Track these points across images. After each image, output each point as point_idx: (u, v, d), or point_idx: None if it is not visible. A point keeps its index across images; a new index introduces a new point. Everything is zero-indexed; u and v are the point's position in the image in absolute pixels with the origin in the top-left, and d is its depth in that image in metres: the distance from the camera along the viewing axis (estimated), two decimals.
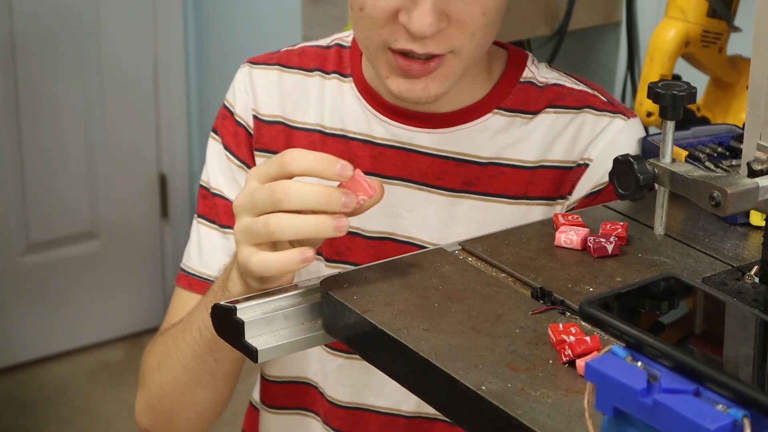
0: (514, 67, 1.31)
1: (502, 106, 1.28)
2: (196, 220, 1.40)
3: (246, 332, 0.99)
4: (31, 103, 2.98)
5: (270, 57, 1.37)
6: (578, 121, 1.28)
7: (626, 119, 1.28)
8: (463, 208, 1.28)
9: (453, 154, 1.28)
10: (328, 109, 1.32)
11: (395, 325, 0.94)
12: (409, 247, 1.28)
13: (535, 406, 0.83)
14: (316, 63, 1.34)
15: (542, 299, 0.98)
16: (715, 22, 1.46)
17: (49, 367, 3.09)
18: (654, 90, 0.91)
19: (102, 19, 3.04)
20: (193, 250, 1.39)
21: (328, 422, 1.36)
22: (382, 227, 1.30)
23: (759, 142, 0.91)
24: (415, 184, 1.29)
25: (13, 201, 3.01)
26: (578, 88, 1.30)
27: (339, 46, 1.35)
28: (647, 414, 0.71)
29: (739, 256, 1.06)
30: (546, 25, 1.91)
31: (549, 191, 1.27)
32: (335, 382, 1.34)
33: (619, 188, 0.92)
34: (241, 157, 1.35)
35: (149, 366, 1.33)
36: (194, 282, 1.38)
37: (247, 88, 1.35)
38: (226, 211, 1.36)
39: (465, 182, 1.28)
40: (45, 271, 3.10)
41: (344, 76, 1.32)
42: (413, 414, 1.32)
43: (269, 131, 1.34)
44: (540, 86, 1.30)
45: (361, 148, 1.30)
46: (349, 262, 1.30)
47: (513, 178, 1.28)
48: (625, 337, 0.75)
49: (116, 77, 3.09)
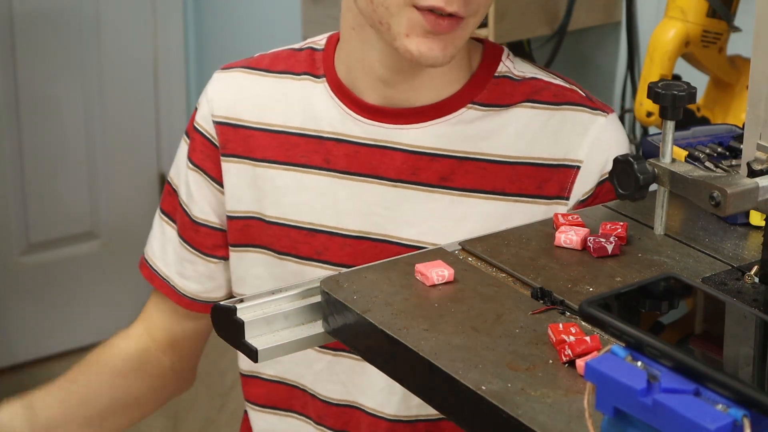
0: (490, 61, 1.31)
1: (477, 100, 1.28)
2: (159, 216, 1.42)
3: (246, 332, 0.99)
4: (31, 103, 2.98)
5: (243, 62, 1.38)
6: (558, 118, 1.28)
7: (606, 115, 1.29)
8: (440, 203, 1.28)
9: (428, 150, 1.28)
10: (301, 110, 1.32)
11: (395, 325, 0.94)
12: (387, 245, 1.29)
13: (535, 406, 0.83)
14: (286, 65, 1.35)
15: (542, 299, 0.98)
16: (715, 22, 1.46)
17: (49, 367, 3.09)
18: (654, 90, 0.91)
19: (102, 19, 3.04)
20: (157, 245, 1.42)
21: (321, 422, 1.36)
22: (359, 226, 1.30)
23: (759, 142, 0.91)
24: (390, 182, 1.29)
25: (13, 201, 3.01)
26: (555, 83, 1.30)
27: (311, 49, 1.35)
28: (647, 414, 0.71)
29: (739, 256, 1.06)
30: (546, 25, 1.91)
31: (528, 189, 1.27)
32: (326, 380, 1.34)
33: (619, 188, 0.92)
34: (199, 164, 1.37)
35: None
36: (155, 277, 1.42)
37: (211, 97, 1.36)
38: (184, 226, 1.39)
39: (441, 177, 1.28)
40: (45, 271, 3.10)
41: (317, 77, 1.32)
42: (393, 417, 1.33)
43: (236, 136, 1.34)
44: (516, 80, 1.30)
45: (336, 147, 1.30)
46: (327, 262, 1.31)
47: (491, 173, 1.27)
48: (625, 337, 0.75)
49: (116, 77, 3.09)
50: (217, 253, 1.39)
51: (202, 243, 1.38)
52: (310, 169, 1.31)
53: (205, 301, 1.41)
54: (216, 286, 1.40)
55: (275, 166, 1.32)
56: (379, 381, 1.31)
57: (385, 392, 1.32)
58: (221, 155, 1.35)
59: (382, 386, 1.32)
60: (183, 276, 1.40)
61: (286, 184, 1.31)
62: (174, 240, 1.41)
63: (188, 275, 1.40)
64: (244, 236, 1.35)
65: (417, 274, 1.01)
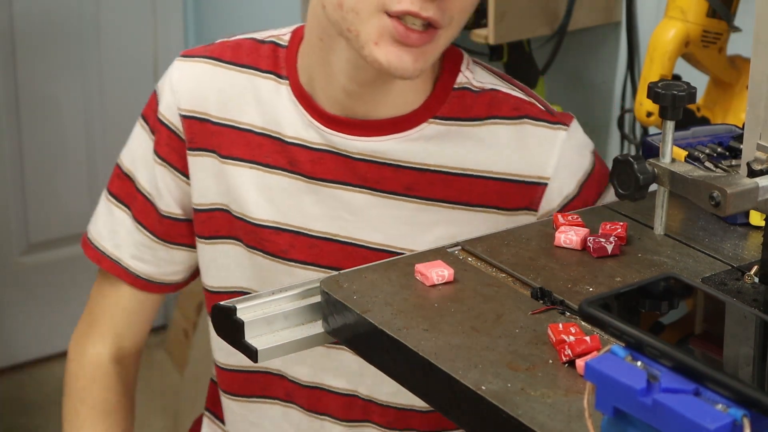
0: (450, 70, 1.29)
1: (438, 114, 1.27)
2: (107, 197, 1.41)
3: (246, 332, 0.99)
4: (31, 103, 2.97)
5: (204, 50, 1.36)
6: (520, 132, 1.27)
7: (567, 128, 1.28)
8: (406, 210, 1.28)
9: (391, 161, 1.27)
10: (266, 110, 1.31)
11: (395, 325, 0.94)
12: (353, 248, 1.29)
13: (535, 406, 0.84)
14: (249, 59, 1.33)
15: (542, 299, 0.98)
16: (715, 22, 1.46)
17: (49, 367, 3.08)
18: (654, 90, 0.91)
19: (102, 19, 3.04)
20: (104, 227, 1.41)
21: (291, 399, 1.38)
22: (325, 228, 1.30)
23: (759, 142, 0.91)
24: (356, 188, 1.28)
25: (13, 201, 3.01)
26: (514, 95, 1.29)
27: (274, 44, 1.33)
28: (647, 414, 0.71)
29: (739, 256, 1.06)
30: (546, 25, 1.91)
31: (493, 201, 1.27)
32: (294, 362, 1.35)
33: (619, 188, 0.92)
34: (165, 157, 1.36)
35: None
36: (103, 258, 1.41)
37: (177, 88, 1.34)
38: (146, 213, 1.39)
39: (406, 187, 1.28)
40: (45, 271, 3.10)
41: (281, 78, 1.31)
42: (367, 398, 1.35)
43: (203, 130, 1.33)
44: (475, 91, 1.28)
45: (300, 152, 1.29)
46: (294, 260, 1.31)
47: (454, 185, 1.27)
48: (625, 337, 0.75)
49: (116, 77, 3.09)
50: (180, 241, 1.39)
51: (166, 233, 1.39)
52: (275, 169, 1.30)
53: (159, 282, 1.41)
54: (175, 270, 1.41)
55: (240, 164, 1.31)
56: (352, 364, 1.33)
57: (358, 373, 1.33)
58: (188, 149, 1.34)
59: (355, 369, 1.33)
60: (138, 259, 1.40)
61: (250, 182, 1.31)
62: (126, 223, 1.39)
63: (146, 259, 1.40)
64: (210, 228, 1.35)
65: (417, 274, 1.01)
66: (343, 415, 1.36)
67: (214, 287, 1.37)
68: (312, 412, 1.37)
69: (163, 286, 1.42)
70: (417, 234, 1.28)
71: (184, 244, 1.39)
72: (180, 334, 2.97)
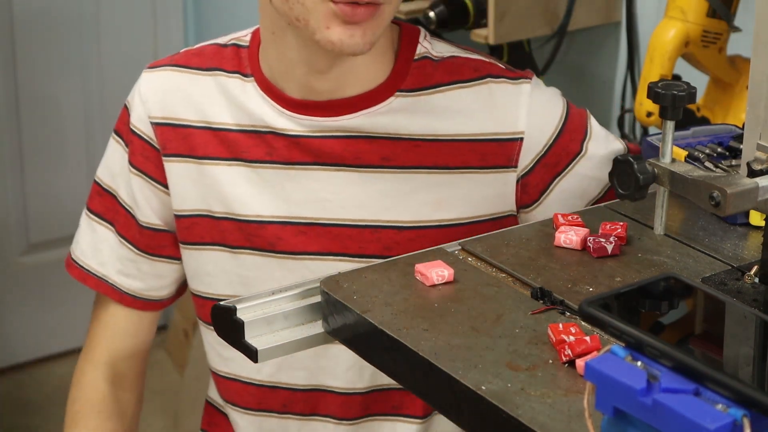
0: (408, 44, 1.32)
1: (403, 87, 1.30)
2: (87, 216, 1.42)
3: (246, 332, 0.99)
4: (31, 102, 2.97)
5: (170, 59, 1.39)
6: (484, 92, 1.30)
7: (529, 81, 1.31)
8: (385, 182, 1.30)
9: (363, 134, 1.29)
10: (236, 107, 1.32)
11: (395, 325, 0.94)
12: (340, 229, 1.30)
13: (535, 406, 0.83)
14: (214, 62, 1.35)
15: (542, 299, 0.98)
16: (715, 22, 1.46)
17: (49, 367, 3.09)
18: (654, 90, 0.91)
19: (102, 19, 3.04)
20: (87, 246, 1.42)
21: (288, 410, 1.38)
22: (309, 213, 1.31)
23: (759, 142, 0.91)
24: (334, 167, 1.30)
25: (13, 201, 3.01)
26: (473, 57, 1.32)
27: (236, 46, 1.36)
28: (647, 414, 0.71)
29: (739, 256, 1.06)
30: (546, 25, 1.91)
31: (471, 161, 1.29)
32: (289, 367, 1.36)
33: (619, 188, 0.92)
34: (140, 167, 1.37)
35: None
36: (88, 277, 1.42)
37: (146, 98, 1.36)
38: (127, 226, 1.39)
39: (382, 158, 1.29)
40: (45, 271, 3.10)
41: (245, 76, 1.33)
42: (368, 389, 1.35)
43: (175, 135, 1.34)
44: (435, 60, 1.31)
45: (276, 140, 1.31)
46: (283, 252, 1.32)
47: (430, 151, 1.29)
48: (625, 337, 0.75)
49: (116, 77, 3.09)
50: (162, 253, 1.39)
51: (147, 244, 1.39)
52: (253, 162, 1.31)
53: (147, 299, 1.42)
54: (161, 284, 1.41)
55: (218, 162, 1.33)
56: (347, 360, 1.33)
57: (356, 369, 1.34)
58: (163, 156, 1.35)
59: (351, 365, 1.33)
60: (124, 274, 1.40)
61: (231, 179, 1.32)
62: (110, 240, 1.40)
63: (131, 273, 1.40)
64: (193, 234, 1.35)
65: (417, 274, 1.01)
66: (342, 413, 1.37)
67: (202, 293, 1.38)
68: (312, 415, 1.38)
69: (150, 303, 1.42)
70: (400, 204, 1.29)
71: (165, 256, 1.40)
72: (180, 334, 2.97)
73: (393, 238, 1.29)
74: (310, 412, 1.38)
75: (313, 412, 1.38)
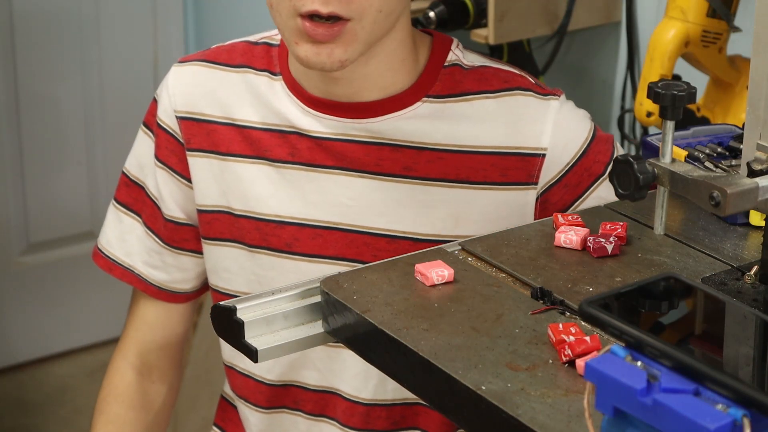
0: (439, 52, 1.31)
1: (431, 93, 1.29)
2: (114, 206, 1.43)
3: (246, 332, 0.99)
4: (31, 103, 2.97)
5: (200, 54, 1.38)
6: (511, 104, 1.29)
7: (558, 98, 1.30)
8: (405, 192, 1.29)
9: (387, 141, 1.29)
10: (262, 105, 1.33)
11: (395, 325, 0.94)
12: (358, 235, 1.30)
13: (535, 406, 0.84)
14: (243, 59, 1.35)
15: (542, 299, 0.98)
16: (715, 22, 1.46)
17: (49, 367, 3.08)
18: (654, 90, 0.91)
19: (102, 19, 3.04)
20: (113, 236, 1.43)
21: (299, 407, 1.39)
22: (328, 217, 1.31)
23: (759, 142, 0.91)
24: (355, 172, 1.29)
25: (13, 201, 3.01)
26: (504, 68, 1.32)
27: (267, 45, 1.36)
28: (647, 414, 0.71)
29: (739, 256, 1.06)
30: (546, 25, 1.91)
31: (492, 176, 1.28)
32: (302, 367, 1.36)
33: (619, 188, 0.92)
34: (165, 161, 1.37)
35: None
36: (115, 267, 1.43)
37: (172, 91, 1.36)
38: (153, 218, 1.40)
39: (404, 167, 1.29)
40: (45, 271, 3.10)
41: (274, 75, 1.33)
42: (371, 401, 1.35)
43: (200, 130, 1.35)
44: (466, 68, 1.31)
45: (300, 141, 1.31)
46: (299, 253, 1.32)
47: (452, 162, 1.28)
48: (625, 336, 0.75)
49: (116, 77, 3.09)
50: (185, 246, 1.40)
51: (171, 237, 1.40)
52: (275, 162, 1.31)
53: (171, 290, 1.42)
54: (185, 278, 1.42)
55: (241, 159, 1.33)
56: (355, 366, 1.32)
57: (361, 377, 1.33)
58: (187, 150, 1.35)
59: (358, 371, 1.33)
60: (150, 265, 1.41)
61: (253, 177, 1.32)
62: (137, 230, 1.41)
63: (156, 265, 1.41)
64: (213, 230, 1.36)
65: (417, 274, 1.01)
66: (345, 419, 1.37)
67: (220, 288, 1.38)
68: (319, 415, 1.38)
69: (175, 295, 1.43)
70: (418, 216, 1.29)
71: (188, 250, 1.40)
72: None
73: (408, 249, 1.28)
74: (319, 413, 1.38)
75: (322, 413, 1.38)
